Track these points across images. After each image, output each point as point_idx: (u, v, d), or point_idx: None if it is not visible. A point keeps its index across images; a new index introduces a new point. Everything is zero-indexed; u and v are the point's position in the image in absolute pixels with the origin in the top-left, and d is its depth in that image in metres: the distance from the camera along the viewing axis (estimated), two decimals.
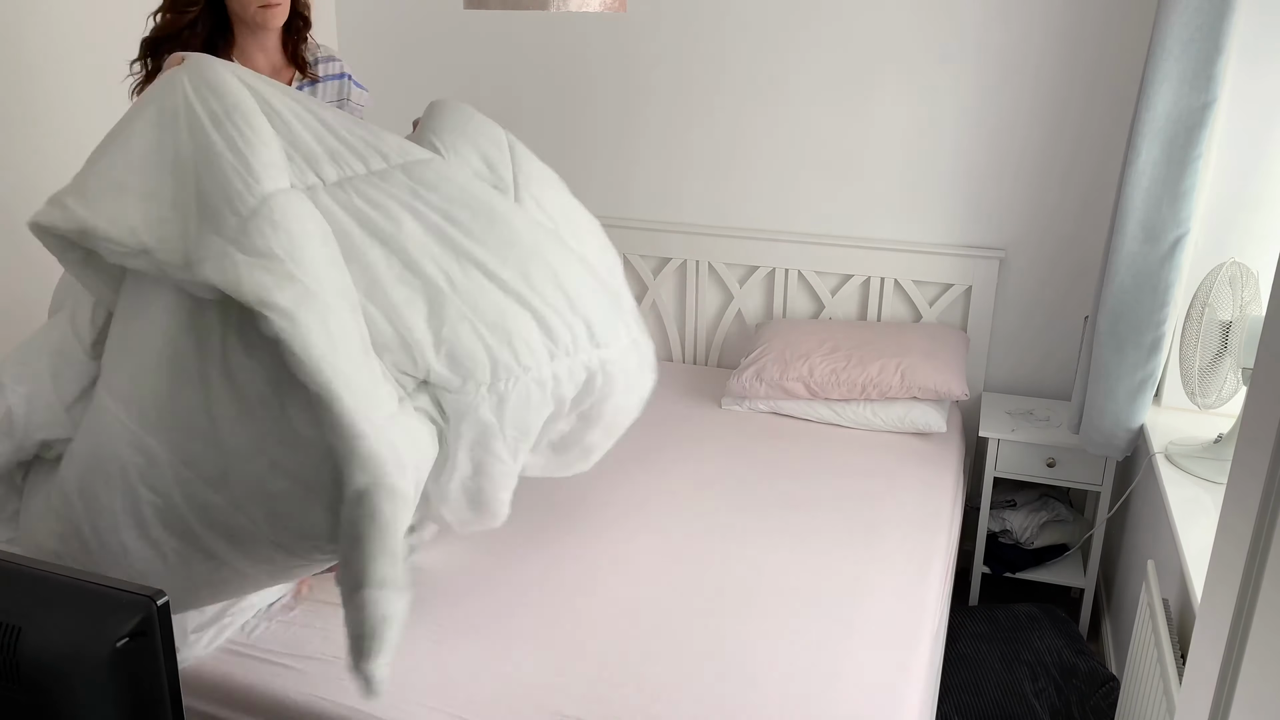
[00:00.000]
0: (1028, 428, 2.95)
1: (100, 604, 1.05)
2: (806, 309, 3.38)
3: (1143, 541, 2.63)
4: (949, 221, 3.17)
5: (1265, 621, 0.87)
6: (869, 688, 1.88)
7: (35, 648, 1.02)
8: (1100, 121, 2.93)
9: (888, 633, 2.05)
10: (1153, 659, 1.96)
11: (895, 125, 3.13)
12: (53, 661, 1.02)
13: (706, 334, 3.51)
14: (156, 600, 1.05)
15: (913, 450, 2.85)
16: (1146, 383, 2.52)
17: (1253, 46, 2.34)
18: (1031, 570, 3.04)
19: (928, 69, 3.05)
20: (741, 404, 3.11)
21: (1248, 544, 0.89)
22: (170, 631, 1.07)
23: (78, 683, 1.01)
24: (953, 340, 3.08)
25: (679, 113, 3.34)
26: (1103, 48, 2.87)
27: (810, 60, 3.15)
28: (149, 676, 1.05)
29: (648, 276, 3.49)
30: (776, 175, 3.30)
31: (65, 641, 1.02)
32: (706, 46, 3.24)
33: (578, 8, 1.98)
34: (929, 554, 2.35)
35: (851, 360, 2.98)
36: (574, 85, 3.42)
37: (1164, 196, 2.38)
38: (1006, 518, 3.10)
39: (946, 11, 2.98)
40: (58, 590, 1.08)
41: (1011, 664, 2.58)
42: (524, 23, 3.41)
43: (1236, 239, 2.47)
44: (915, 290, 3.22)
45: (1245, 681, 0.91)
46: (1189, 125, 2.32)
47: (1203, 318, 2.25)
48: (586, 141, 3.47)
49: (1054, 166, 3.02)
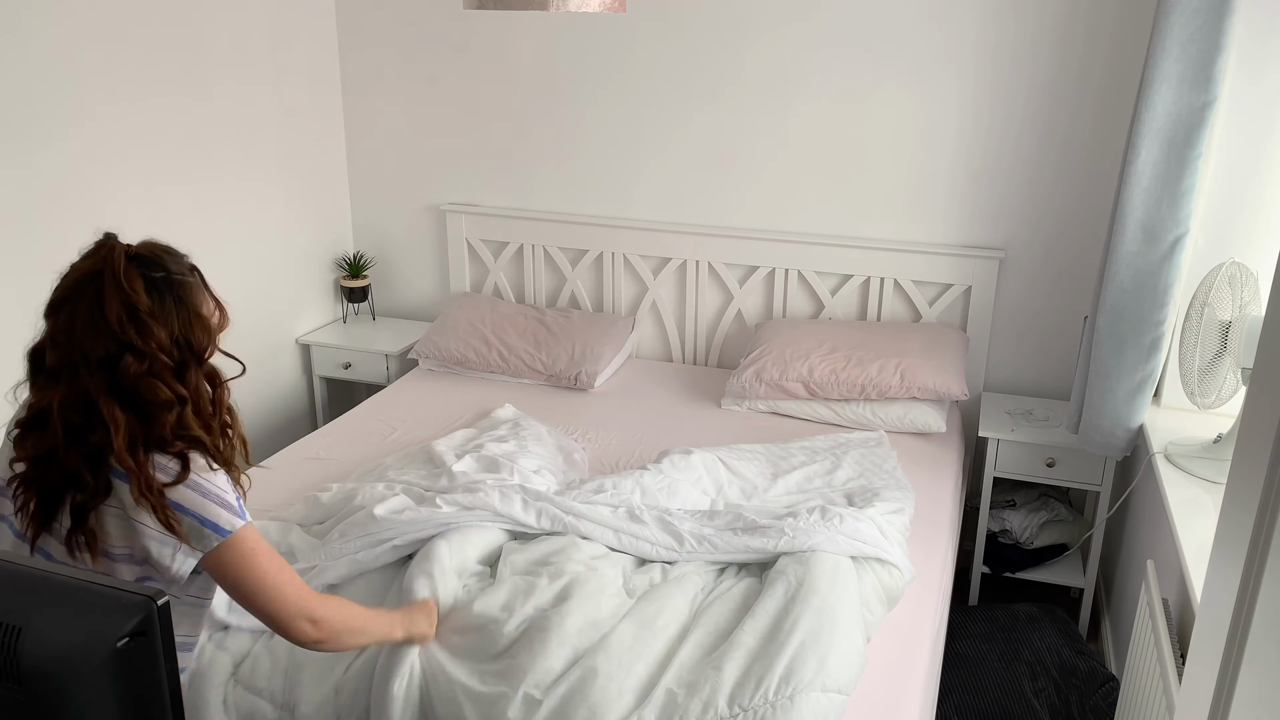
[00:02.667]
0: (1027, 428, 2.95)
1: (100, 604, 1.05)
2: (806, 309, 3.38)
3: (1142, 541, 2.63)
4: (949, 221, 3.17)
5: (1265, 621, 0.87)
6: (869, 687, 1.88)
7: (35, 648, 1.02)
8: (1100, 121, 2.93)
9: (888, 632, 2.05)
10: (1152, 659, 1.96)
11: (895, 125, 3.13)
12: (53, 661, 1.01)
13: (706, 334, 3.51)
14: (156, 600, 1.05)
15: (912, 450, 2.85)
16: (1146, 382, 2.52)
17: (1253, 46, 2.34)
18: (1031, 570, 3.04)
19: (928, 69, 3.05)
20: (741, 404, 3.11)
21: (1247, 544, 0.89)
22: (170, 631, 1.07)
23: (78, 683, 1.01)
24: (952, 340, 3.08)
25: (679, 113, 3.34)
26: (1102, 48, 2.87)
27: (810, 61, 3.15)
28: (149, 676, 1.05)
29: (648, 276, 3.49)
30: (777, 175, 3.30)
31: (65, 641, 1.02)
32: (706, 46, 3.24)
33: (577, 8, 1.98)
34: (929, 553, 2.35)
35: (851, 360, 2.98)
36: (574, 85, 3.42)
37: (1164, 196, 2.38)
38: (1006, 518, 3.10)
39: (947, 12, 2.98)
40: (58, 590, 1.08)
41: (1011, 664, 2.58)
42: (524, 23, 3.41)
43: (1236, 239, 2.47)
44: (915, 290, 3.22)
45: (1245, 681, 0.91)
46: (1189, 125, 2.32)
47: (1202, 318, 2.25)
48: (587, 142, 3.47)
49: (1054, 166, 3.02)
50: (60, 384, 1.40)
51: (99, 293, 1.39)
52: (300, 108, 3.48)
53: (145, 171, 2.88)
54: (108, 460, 1.42)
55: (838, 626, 1.85)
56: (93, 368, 1.39)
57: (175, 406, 1.43)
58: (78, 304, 1.40)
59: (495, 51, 3.47)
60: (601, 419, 3.03)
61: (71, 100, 2.64)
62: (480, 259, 3.71)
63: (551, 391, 3.26)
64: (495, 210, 3.63)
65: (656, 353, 3.61)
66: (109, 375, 1.40)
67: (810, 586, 1.92)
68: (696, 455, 2.56)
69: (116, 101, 2.77)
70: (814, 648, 1.78)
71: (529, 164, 3.57)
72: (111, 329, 1.38)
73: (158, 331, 1.41)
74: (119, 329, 1.38)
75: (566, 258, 3.58)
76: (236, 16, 3.14)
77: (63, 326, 1.40)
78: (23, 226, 2.56)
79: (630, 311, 3.57)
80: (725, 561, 2.12)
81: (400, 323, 3.82)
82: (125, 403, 1.40)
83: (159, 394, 1.41)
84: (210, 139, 3.10)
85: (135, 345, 1.39)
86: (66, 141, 2.64)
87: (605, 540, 2.09)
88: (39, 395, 1.43)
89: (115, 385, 1.40)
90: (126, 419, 1.40)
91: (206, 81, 3.06)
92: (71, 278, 1.42)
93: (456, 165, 3.65)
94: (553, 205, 3.58)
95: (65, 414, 1.40)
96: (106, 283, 1.39)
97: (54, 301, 1.42)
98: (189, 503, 1.43)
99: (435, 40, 3.52)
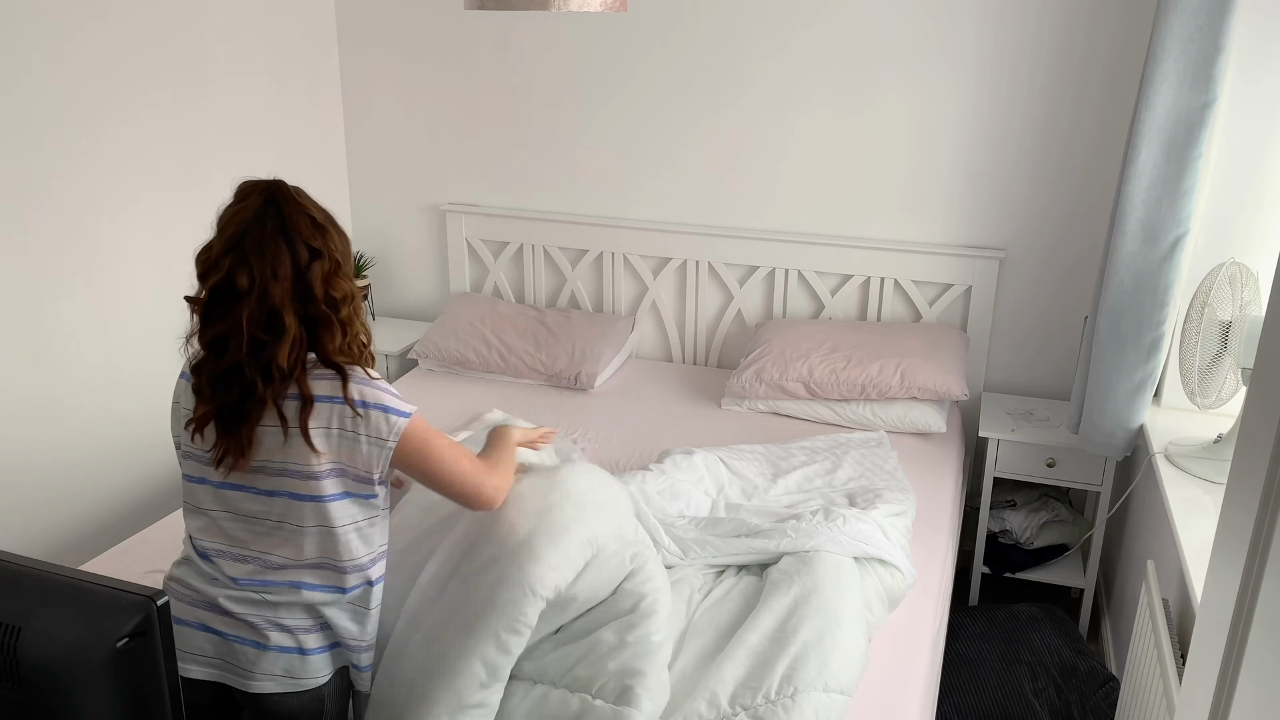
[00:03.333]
0: (1027, 428, 2.95)
1: (100, 604, 1.05)
2: (806, 309, 3.38)
3: (1142, 541, 2.63)
4: (949, 221, 3.17)
5: (1265, 621, 0.87)
6: (869, 687, 1.88)
7: (35, 648, 1.02)
8: (1100, 121, 2.93)
9: (888, 632, 2.05)
10: (1153, 659, 1.95)
11: (895, 125, 3.13)
12: (53, 661, 1.01)
13: (706, 334, 3.51)
14: (156, 600, 1.05)
15: (912, 450, 2.85)
16: (1146, 383, 2.52)
17: (1253, 46, 2.34)
18: (1031, 570, 3.04)
19: (928, 69, 3.05)
20: (741, 404, 3.11)
21: (1247, 544, 0.89)
22: (170, 631, 1.07)
23: (78, 683, 1.01)
24: (952, 340, 3.08)
25: (679, 113, 3.34)
26: (1102, 48, 2.87)
27: (811, 61, 3.15)
28: (149, 676, 1.05)
29: (648, 276, 3.49)
30: (777, 175, 3.30)
31: (65, 641, 1.02)
32: (707, 46, 3.24)
33: (578, 8, 1.98)
34: (929, 554, 2.35)
35: (851, 360, 2.98)
36: (575, 85, 3.42)
37: (1164, 196, 2.38)
38: (1006, 518, 3.10)
39: (947, 12, 2.98)
40: (58, 590, 1.08)
41: (1011, 664, 2.58)
42: (524, 23, 3.41)
43: (1236, 239, 2.47)
44: (915, 290, 3.22)
45: (1245, 681, 0.91)
46: (1189, 125, 2.32)
47: (1202, 318, 2.25)
48: (587, 141, 3.47)
49: (1054, 166, 3.02)
50: (247, 303, 1.52)
51: (280, 214, 1.54)
52: (300, 108, 3.48)
53: (145, 170, 2.88)
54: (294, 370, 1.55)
55: (841, 627, 1.85)
56: (281, 278, 1.52)
57: (352, 300, 1.60)
58: (262, 228, 1.53)
59: (495, 51, 3.47)
60: (601, 419, 3.03)
61: (71, 99, 2.64)
62: (480, 259, 3.71)
63: (551, 391, 3.26)
64: (495, 210, 3.63)
65: (656, 353, 3.61)
66: (296, 283, 1.54)
67: (813, 587, 1.92)
68: (698, 455, 2.56)
69: (116, 101, 2.77)
70: (817, 648, 1.78)
71: (529, 164, 3.57)
72: (303, 237, 1.54)
73: (335, 237, 1.59)
74: (309, 235, 1.55)
75: (566, 258, 3.58)
76: (236, 16, 3.14)
77: (251, 248, 1.52)
78: (22, 225, 2.56)
79: (630, 311, 3.57)
80: (727, 564, 2.12)
81: (400, 323, 3.82)
82: (303, 315, 1.55)
83: (344, 287, 1.59)
84: (210, 138, 3.10)
85: (322, 250, 1.56)
86: (65, 140, 2.64)
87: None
88: (222, 322, 1.53)
89: (300, 291, 1.54)
90: (299, 330, 1.54)
91: (206, 81, 3.06)
92: (244, 213, 1.54)
93: (456, 165, 3.65)
94: (553, 205, 3.58)
95: (251, 329, 1.51)
96: (287, 204, 1.56)
97: (232, 235, 1.53)
98: (369, 397, 1.57)
99: (435, 40, 3.52)
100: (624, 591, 1.82)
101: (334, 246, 1.59)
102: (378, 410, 1.57)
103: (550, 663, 1.78)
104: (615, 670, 1.70)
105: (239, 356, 1.52)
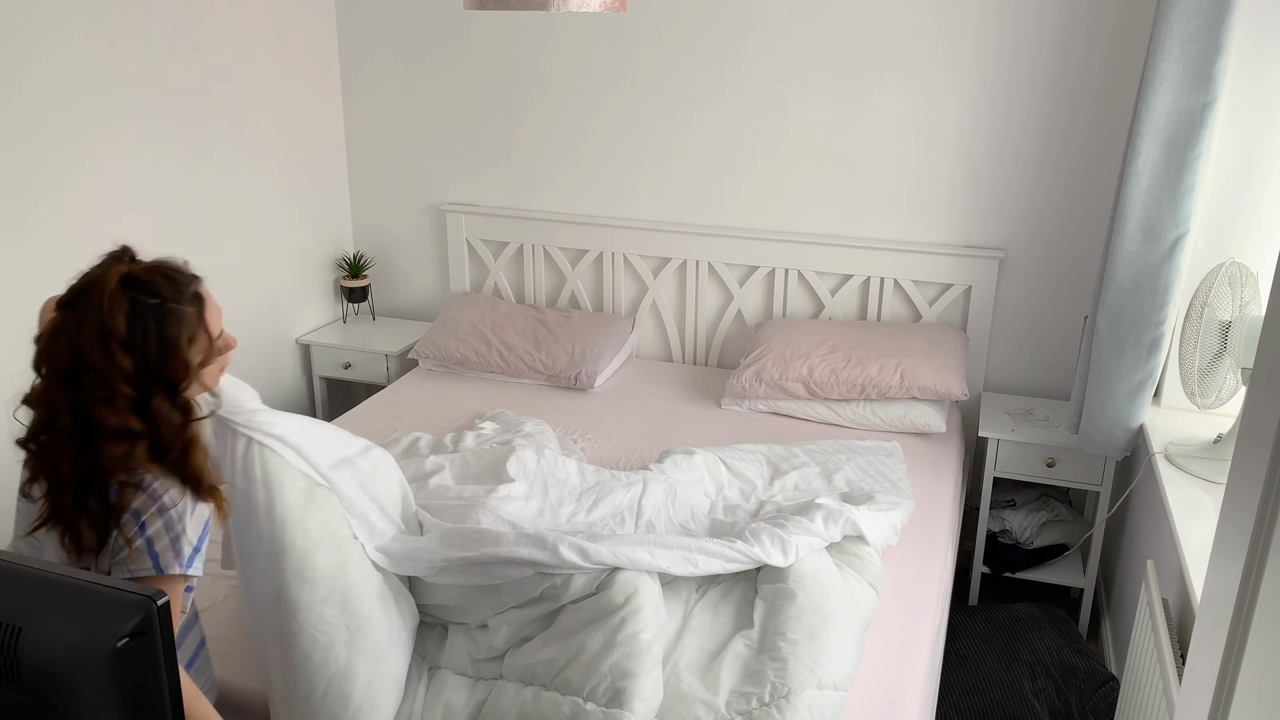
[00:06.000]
0: (1027, 428, 2.95)
1: (100, 604, 1.05)
2: (806, 309, 3.38)
3: (1142, 541, 2.63)
4: (949, 221, 3.17)
5: (1265, 621, 0.87)
6: (869, 687, 1.88)
7: (35, 648, 1.02)
8: (1100, 121, 2.93)
9: (888, 632, 2.05)
10: (1152, 659, 1.96)
11: (895, 125, 3.13)
12: (53, 661, 1.01)
13: (706, 334, 3.51)
14: (156, 600, 1.05)
15: (912, 450, 2.85)
16: (1146, 383, 2.52)
17: (1253, 46, 2.34)
18: (1031, 570, 3.04)
19: (928, 69, 3.05)
20: (741, 404, 3.11)
21: (1247, 544, 0.89)
22: (170, 631, 1.07)
23: (78, 683, 1.01)
24: (952, 340, 3.08)
25: (679, 112, 3.34)
26: (1102, 47, 2.87)
27: (810, 60, 3.15)
28: (149, 676, 1.05)
29: (648, 276, 3.49)
30: (777, 175, 3.30)
31: (65, 641, 1.02)
32: (707, 46, 3.24)
33: (578, 8, 1.98)
34: (928, 554, 2.35)
35: (851, 360, 2.98)
36: (574, 85, 3.42)
37: (1164, 196, 2.38)
38: (1006, 518, 3.10)
39: (947, 12, 2.98)
40: (58, 590, 1.07)
41: (1011, 664, 2.58)
42: (524, 23, 3.41)
43: (1236, 239, 2.47)
44: (915, 290, 3.22)
45: (1245, 681, 0.91)
46: (1189, 125, 2.32)
47: (1202, 318, 2.25)
48: (587, 141, 3.47)
49: (1054, 166, 3.02)
50: (41, 378, 1.43)
51: (84, 310, 1.40)
52: (300, 108, 3.48)
53: (145, 171, 2.88)
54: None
55: (829, 624, 1.85)
56: (61, 378, 1.40)
57: (123, 440, 1.41)
58: (69, 312, 1.41)
59: (495, 51, 3.47)
60: (601, 419, 3.03)
61: (70, 99, 2.64)
62: (480, 259, 3.71)
63: (551, 391, 3.26)
64: (495, 210, 3.63)
65: (656, 353, 3.60)
66: (72, 390, 1.40)
67: (797, 587, 1.93)
68: (699, 455, 2.56)
69: (116, 101, 2.77)
70: (808, 647, 1.79)
71: (529, 164, 3.57)
72: (80, 348, 1.39)
73: (123, 361, 1.39)
74: (86, 350, 1.39)
75: (566, 258, 3.58)
76: (236, 16, 3.14)
77: (53, 329, 1.42)
78: (22, 227, 2.56)
79: (630, 311, 3.57)
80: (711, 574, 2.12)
81: (400, 323, 3.82)
82: (79, 422, 1.40)
83: (108, 422, 1.40)
84: (210, 139, 3.10)
85: (98, 368, 1.38)
86: (65, 141, 2.64)
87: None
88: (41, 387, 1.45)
89: (75, 402, 1.40)
90: (76, 437, 1.40)
91: (206, 81, 3.06)
92: (78, 285, 1.43)
93: (456, 165, 3.65)
94: (553, 205, 3.58)
95: (37, 408, 1.43)
96: (91, 301, 1.39)
97: (60, 301, 1.44)
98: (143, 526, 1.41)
99: (435, 40, 3.52)
100: (611, 585, 1.84)
101: (120, 373, 1.41)
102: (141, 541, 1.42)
103: (539, 663, 1.78)
104: (606, 672, 1.70)
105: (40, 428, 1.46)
